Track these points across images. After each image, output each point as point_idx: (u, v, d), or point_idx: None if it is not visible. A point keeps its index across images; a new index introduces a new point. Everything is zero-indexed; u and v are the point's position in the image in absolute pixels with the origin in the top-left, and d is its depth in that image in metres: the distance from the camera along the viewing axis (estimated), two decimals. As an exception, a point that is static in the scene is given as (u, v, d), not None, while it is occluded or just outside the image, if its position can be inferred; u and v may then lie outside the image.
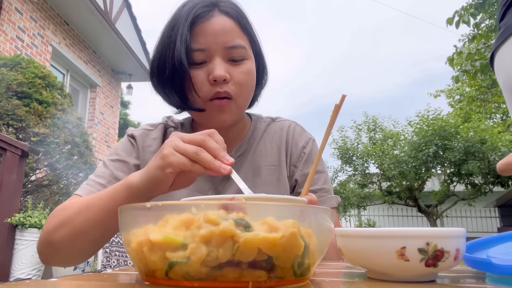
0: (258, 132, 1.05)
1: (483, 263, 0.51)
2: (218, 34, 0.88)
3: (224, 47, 0.88)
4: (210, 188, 0.96)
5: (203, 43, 0.88)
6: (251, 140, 1.03)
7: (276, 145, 1.04)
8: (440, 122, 10.29)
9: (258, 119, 1.09)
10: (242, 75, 0.89)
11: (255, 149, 1.02)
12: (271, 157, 1.02)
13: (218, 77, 0.86)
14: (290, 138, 1.05)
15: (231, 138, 1.01)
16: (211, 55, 0.88)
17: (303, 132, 1.08)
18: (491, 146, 9.89)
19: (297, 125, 1.09)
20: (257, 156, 1.02)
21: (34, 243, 3.36)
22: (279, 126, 1.08)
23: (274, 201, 0.53)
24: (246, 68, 0.90)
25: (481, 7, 5.39)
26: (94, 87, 7.64)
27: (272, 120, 1.10)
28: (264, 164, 1.00)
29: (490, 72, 6.21)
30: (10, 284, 0.39)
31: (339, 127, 12.44)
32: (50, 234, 0.78)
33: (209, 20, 0.89)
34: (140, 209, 0.41)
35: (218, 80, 0.86)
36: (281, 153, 1.03)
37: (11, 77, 4.07)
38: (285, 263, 0.38)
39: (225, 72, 0.86)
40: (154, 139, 1.01)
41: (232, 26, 0.90)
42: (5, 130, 3.95)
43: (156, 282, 0.40)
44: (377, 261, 0.46)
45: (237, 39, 0.90)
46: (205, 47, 0.87)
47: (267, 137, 1.05)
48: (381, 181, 11.62)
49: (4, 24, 5.17)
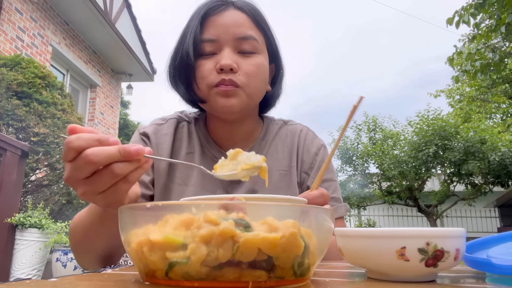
0: (270, 134, 1.04)
1: (483, 263, 0.51)
2: (229, 26, 0.87)
3: (235, 38, 0.87)
4: (219, 187, 0.95)
5: (213, 34, 0.87)
6: (262, 143, 1.02)
7: (288, 149, 1.02)
8: (440, 122, 10.28)
9: (271, 121, 1.07)
10: (251, 66, 0.87)
11: (267, 152, 1.01)
12: (282, 162, 1.00)
13: (225, 65, 0.84)
14: (302, 144, 1.03)
15: (241, 137, 1.00)
16: (220, 46, 0.87)
17: (315, 138, 1.06)
18: (491, 146, 9.88)
19: (309, 131, 1.07)
20: (268, 160, 0.99)
21: (34, 243, 3.36)
22: (291, 130, 1.06)
23: (274, 201, 0.53)
24: (256, 61, 0.89)
25: (481, 7, 5.38)
26: (94, 87, 7.64)
27: (284, 123, 1.08)
28: (275, 168, 0.98)
29: (490, 72, 6.21)
30: (10, 284, 0.39)
31: (339, 127, 12.43)
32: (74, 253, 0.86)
33: (222, 13, 0.89)
34: (140, 209, 0.41)
35: (225, 69, 0.85)
36: (292, 158, 1.01)
37: (11, 77, 4.07)
38: (285, 263, 0.38)
39: (232, 62, 0.85)
40: (166, 135, 0.99)
41: (245, 19, 0.90)
42: (5, 130, 3.95)
43: (156, 282, 0.39)
44: (377, 261, 0.46)
45: (249, 30, 0.89)
46: (215, 37, 0.87)
47: (278, 141, 1.03)
48: (381, 181, 11.61)
49: (4, 24, 5.17)
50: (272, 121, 1.07)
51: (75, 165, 0.49)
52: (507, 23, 5.45)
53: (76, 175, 0.50)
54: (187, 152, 0.98)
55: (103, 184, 0.51)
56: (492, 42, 6.64)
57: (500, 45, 6.51)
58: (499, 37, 6.42)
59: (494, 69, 6.13)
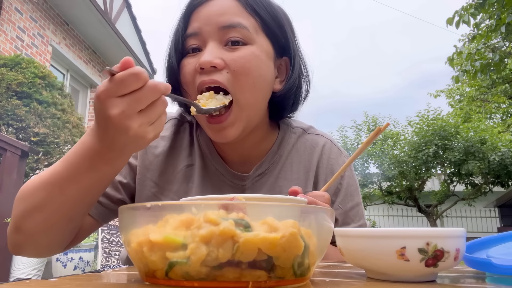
0: (286, 146, 0.87)
1: (483, 263, 0.51)
2: (213, 15, 0.74)
3: (219, 27, 0.73)
4: None
5: (195, 27, 0.75)
6: (276, 157, 0.86)
7: (304, 168, 0.86)
8: (440, 122, 10.29)
9: (287, 129, 0.90)
10: (239, 60, 0.71)
11: (280, 169, 0.85)
12: (296, 182, 0.84)
13: (203, 63, 0.70)
14: (325, 164, 0.87)
15: (250, 149, 0.84)
16: (204, 40, 0.74)
17: (339, 156, 0.89)
18: (491, 146, 9.89)
19: (333, 145, 0.90)
20: (280, 179, 0.84)
21: (34, 243, 3.36)
22: (311, 142, 0.89)
23: (274, 201, 0.53)
24: (245, 52, 0.72)
25: (481, 7, 5.39)
26: (94, 87, 7.64)
27: (303, 131, 0.91)
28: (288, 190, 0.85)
29: (490, 72, 6.21)
30: (10, 284, 0.39)
31: (339, 127, 12.45)
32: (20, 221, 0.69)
33: (207, 3, 0.76)
34: (140, 209, 0.41)
35: (205, 68, 0.70)
36: (308, 180, 0.85)
37: (11, 77, 4.07)
38: (285, 263, 0.38)
39: (213, 57, 0.70)
40: (162, 138, 0.85)
41: (232, 5, 0.75)
42: (5, 130, 3.95)
43: (156, 282, 0.40)
44: (377, 261, 0.46)
45: (236, 17, 0.73)
46: (197, 30, 0.74)
47: (295, 155, 0.87)
48: (381, 181, 11.61)
49: (4, 24, 5.17)
50: (289, 129, 0.90)
51: (138, 96, 0.51)
52: (507, 23, 5.45)
53: (136, 106, 0.52)
54: (187, 165, 0.85)
55: (156, 114, 0.54)
56: (492, 42, 6.64)
57: (500, 45, 6.51)
58: (499, 37, 6.43)
59: (494, 69, 6.14)
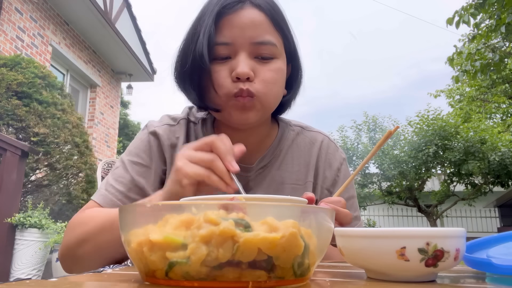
0: (286, 142, 0.95)
1: (483, 263, 0.51)
2: (245, 28, 0.79)
3: (251, 42, 0.79)
4: None
5: (228, 37, 0.79)
6: (276, 151, 0.93)
7: (304, 161, 0.94)
8: (440, 122, 10.29)
9: (287, 126, 0.98)
10: (269, 73, 0.80)
11: (281, 162, 0.92)
12: (297, 175, 0.92)
13: (241, 74, 0.77)
14: (323, 158, 0.95)
15: (254, 145, 0.91)
16: (236, 50, 0.80)
17: (336, 151, 0.98)
18: (491, 146, 9.90)
19: (330, 141, 0.99)
20: (282, 171, 0.91)
21: (34, 243, 3.36)
22: (310, 139, 0.97)
23: (274, 201, 0.53)
24: (275, 67, 0.81)
25: (481, 7, 5.39)
26: (94, 87, 7.64)
27: (302, 129, 0.99)
28: (289, 181, 0.91)
29: (490, 72, 6.22)
30: (10, 284, 0.39)
31: (339, 127, 12.45)
32: (72, 249, 0.78)
33: (238, 12, 0.80)
34: (140, 209, 0.41)
35: (241, 78, 0.78)
36: (308, 171, 0.93)
37: (11, 77, 4.07)
38: (285, 263, 0.38)
39: (249, 69, 0.78)
40: (178, 139, 0.92)
41: (262, 20, 0.81)
42: (5, 130, 3.95)
43: (156, 282, 0.39)
44: (377, 261, 0.46)
45: (267, 35, 0.81)
46: (230, 41, 0.79)
47: (295, 150, 0.95)
48: (381, 181, 11.61)
49: (4, 24, 5.17)
50: (288, 126, 0.98)
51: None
52: (507, 23, 5.46)
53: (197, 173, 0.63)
54: None
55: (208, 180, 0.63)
56: (492, 42, 6.64)
57: (500, 45, 6.52)
58: (499, 37, 6.43)
59: (494, 69, 6.14)
